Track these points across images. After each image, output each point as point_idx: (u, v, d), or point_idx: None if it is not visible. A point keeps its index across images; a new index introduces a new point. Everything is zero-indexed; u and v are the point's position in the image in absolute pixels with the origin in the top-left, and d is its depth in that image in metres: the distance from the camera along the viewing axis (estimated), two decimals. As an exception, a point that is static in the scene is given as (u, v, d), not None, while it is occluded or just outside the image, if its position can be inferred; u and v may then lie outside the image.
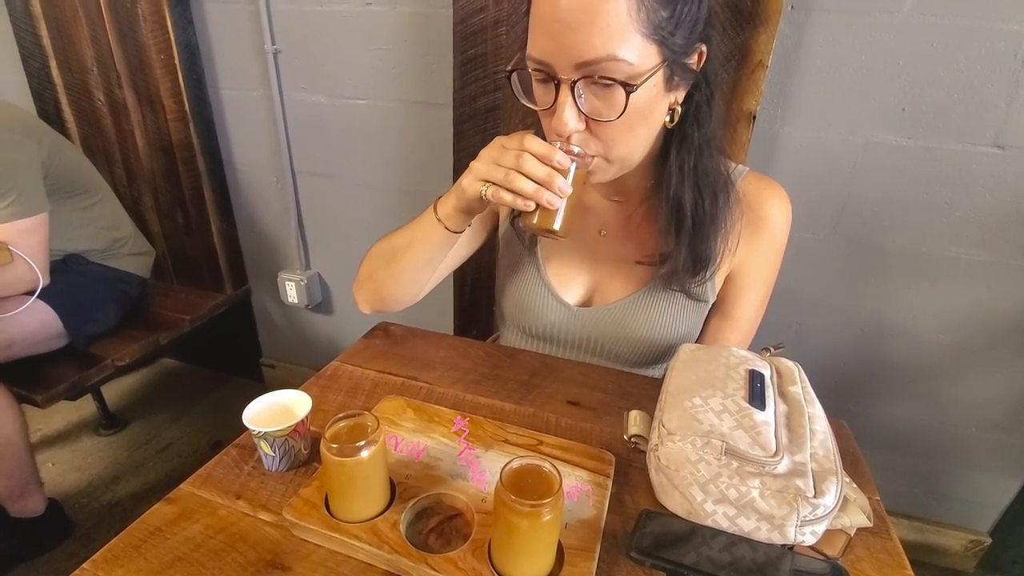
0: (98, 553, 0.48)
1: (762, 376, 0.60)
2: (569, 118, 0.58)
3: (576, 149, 0.59)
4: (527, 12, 0.59)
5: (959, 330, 1.17)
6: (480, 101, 1.21)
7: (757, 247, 0.74)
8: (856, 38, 0.99)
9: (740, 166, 0.74)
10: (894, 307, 1.19)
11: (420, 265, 0.74)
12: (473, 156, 0.63)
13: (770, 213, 0.73)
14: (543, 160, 0.57)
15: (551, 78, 0.57)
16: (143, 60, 1.46)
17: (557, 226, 0.60)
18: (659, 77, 0.58)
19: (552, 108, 0.59)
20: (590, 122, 0.59)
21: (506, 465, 0.45)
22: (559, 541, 0.48)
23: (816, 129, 1.08)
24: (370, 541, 0.48)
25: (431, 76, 1.28)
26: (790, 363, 0.66)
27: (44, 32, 1.54)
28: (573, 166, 0.59)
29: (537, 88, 0.62)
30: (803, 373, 0.65)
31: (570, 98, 0.57)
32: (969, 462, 1.31)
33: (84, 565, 0.47)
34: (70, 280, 1.31)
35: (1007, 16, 0.91)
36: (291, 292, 1.68)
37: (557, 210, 0.59)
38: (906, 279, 1.16)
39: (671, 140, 0.66)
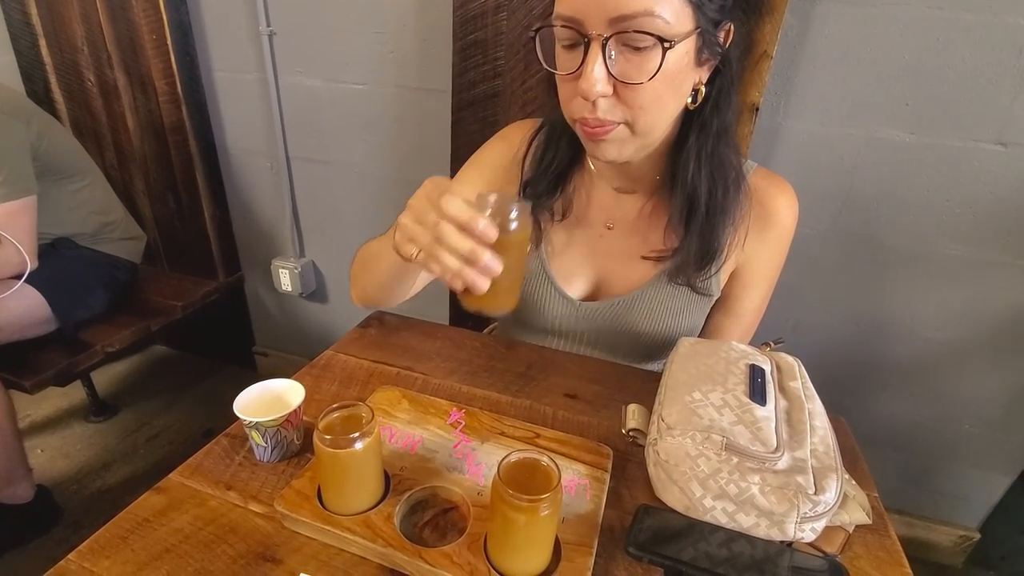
0: (84, 544, 0.47)
1: (763, 371, 0.60)
2: (598, 78, 0.55)
3: (513, 213, 0.49)
4: None
5: (956, 327, 1.17)
6: (479, 88, 1.19)
7: (764, 243, 0.73)
8: (862, 30, 0.98)
9: (749, 161, 0.74)
10: (892, 303, 1.19)
11: (388, 282, 0.71)
12: (470, 144, 0.61)
13: (778, 210, 0.72)
14: (464, 229, 0.47)
15: (580, 37, 0.55)
16: (134, 40, 1.42)
17: (498, 310, 0.50)
18: (691, 45, 0.57)
19: (578, 72, 0.56)
20: (618, 86, 0.57)
21: (504, 459, 0.44)
22: (556, 536, 0.47)
23: (819, 122, 1.07)
24: (364, 534, 0.47)
25: (430, 62, 1.26)
26: (790, 358, 0.66)
27: (33, 11, 1.50)
28: (514, 223, 0.48)
29: (562, 53, 0.59)
30: (803, 368, 0.64)
31: (600, 57, 0.55)
32: (960, 458, 1.31)
33: (70, 556, 0.46)
34: (59, 265, 1.29)
35: (1014, 11, 0.90)
36: (285, 280, 1.66)
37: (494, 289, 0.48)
38: (905, 275, 1.16)
39: (689, 126, 0.65)
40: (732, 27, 0.60)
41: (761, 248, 0.74)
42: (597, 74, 0.55)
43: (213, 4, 1.39)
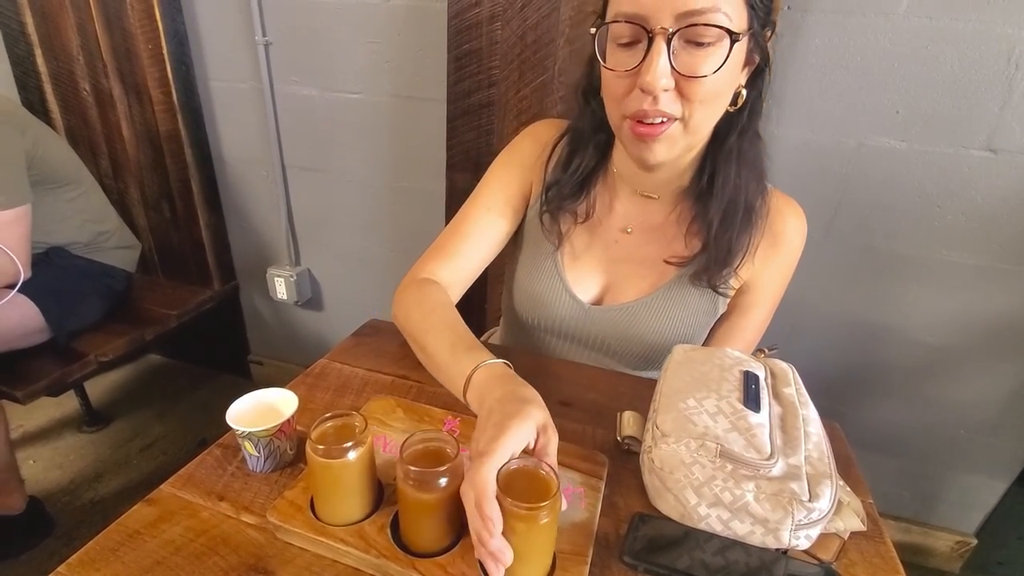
0: (73, 556, 0.46)
1: (757, 378, 0.60)
2: (663, 72, 0.56)
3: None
4: None
5: (948, 333, 1.18)
6: (474, 97, 1.19)
7: (772, 261, 0.75)
8: (852, 39, 0.99)
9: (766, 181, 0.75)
10: (885, 309, 1.19)
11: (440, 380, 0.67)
12: (465, 153, 0.60)
13: (789, 230, 0.74)
14: (476, 505, 0.42)
15: (643, 33, 0.56)
16: (130, 49, 1.43)
17: None
18: (744, 45, 0.58)
19: (637, 68, 0.57)
20: (680, 81, 0.58)
21: (503, 467, 0.44)
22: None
23: (811, 130, 1.08)
24: (357, 545, 0.46)
25: (425, 71, 1.26)
26: (784, 364, 0.66)
27: (29, 19, 1.51)
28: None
29: (617, 51, 0.60)
30: (797, 375, 0.64)
31: (665, 51, 0.55)
32: (956, 464, 1.31)
33: (59, 569, 0.45)
34: (53, 274, 1.29)
35: (1001, 19, 0.91)
36: (280, 288, 1.66)
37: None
38: (897, 282, 1.16)
39: (728, 130, 0.67)
40: (772, 33, 0.62)
41: (768, 266, 0.75)
42: (662, 68, 0.56)
43: (209, 14, 1.40)
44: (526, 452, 0.48)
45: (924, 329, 1.19)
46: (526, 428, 0.48)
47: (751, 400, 0.56)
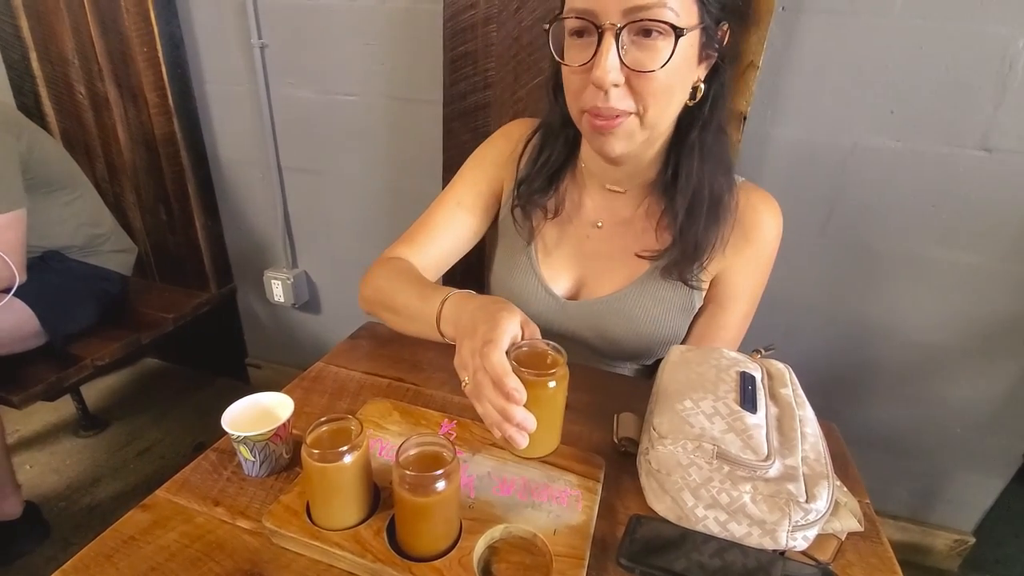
0: (68, 563, 0.46)
1: (753, 378, 0.60)
2: (611, 67, 0.57)
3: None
4: None
5: (945, 331, 1.18)
6: (470, 99, 1.19)
7: (744, 255, 0.74)
8: (846, 40, 0.99)
9: (735, 175, 0.75)
10: (881, 308, 1.20)
11: (415, 334, 0.74)
12: (462, 155, 0.62)
13: (761, 223, 0.74)
14: (496, 384, 0.49)
15: (593, 28, 0.57)
16: (126, 53, 1.42)
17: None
18: (696, 39, 0.59)
19: (590, 63, 0.58)
20: (630, 76, 0.59)
21: (511, 351, 0.50)
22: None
23: (805, 130, 1.08)
24: (353, 549, 0.46)
25: (420, 73, 1.26)
26: (780, 365, 0.66)
27: (24, 23, 1.50)
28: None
29: (572, 46, 0.61)
30: (794, 375, 0.64)
31: (614, 47, 0.56)
32: (954, 462, 1.32)
33: (54, 575, 0.45)
34: (48, 278, 1.28)
35: (995, 19, 0.92)
36: (277, 291, 1.65)
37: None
38: (893, 281, 1.16)
39: (689, 125, 0.67)
40: (728, 27, 0.63)
41: (741, 260, 0.75)
42: (611, 62, 0.57)
43: (205, 17, 1.40)
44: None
45: (920, 328, 1.19)
46: (515, 319, 0.54)
47: (748, 401, 0.56)
